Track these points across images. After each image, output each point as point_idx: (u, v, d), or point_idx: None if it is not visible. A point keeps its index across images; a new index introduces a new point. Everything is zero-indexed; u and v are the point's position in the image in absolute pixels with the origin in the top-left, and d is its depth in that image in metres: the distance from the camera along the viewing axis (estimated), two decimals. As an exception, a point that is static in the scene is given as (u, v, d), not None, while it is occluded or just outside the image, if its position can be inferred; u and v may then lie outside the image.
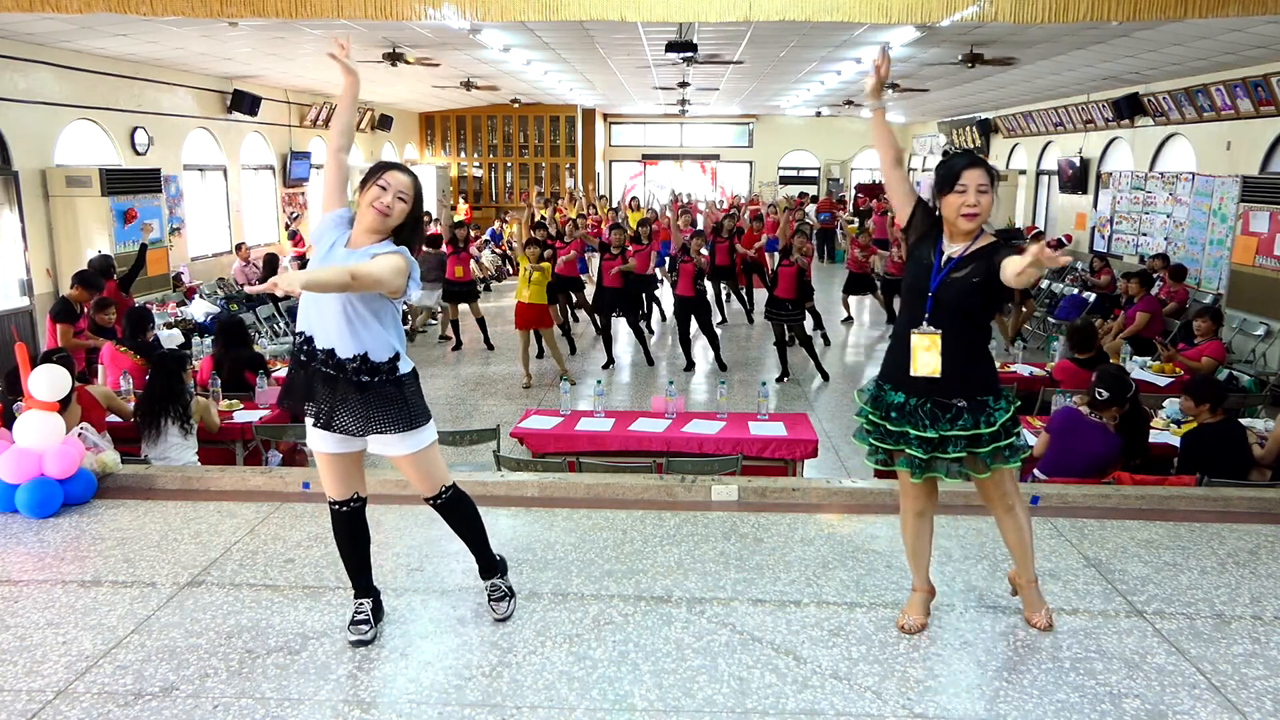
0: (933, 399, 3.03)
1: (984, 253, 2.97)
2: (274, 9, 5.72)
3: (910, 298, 3.10)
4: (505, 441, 5.94)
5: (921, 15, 5.72)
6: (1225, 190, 10.98)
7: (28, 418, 4.44)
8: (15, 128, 9.39)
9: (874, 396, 3.17)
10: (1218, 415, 5.14)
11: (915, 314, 3.04)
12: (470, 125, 23.54)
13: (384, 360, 3.03)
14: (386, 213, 3.01)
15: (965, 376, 3.01)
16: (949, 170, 3.00)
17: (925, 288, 3.02)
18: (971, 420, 3.00)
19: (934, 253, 3.04)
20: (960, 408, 3.01)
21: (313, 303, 3.04)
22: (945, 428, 3.01)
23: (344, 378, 3.00)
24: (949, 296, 2.98)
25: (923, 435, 3.02)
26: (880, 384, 3.17)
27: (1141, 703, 2.90)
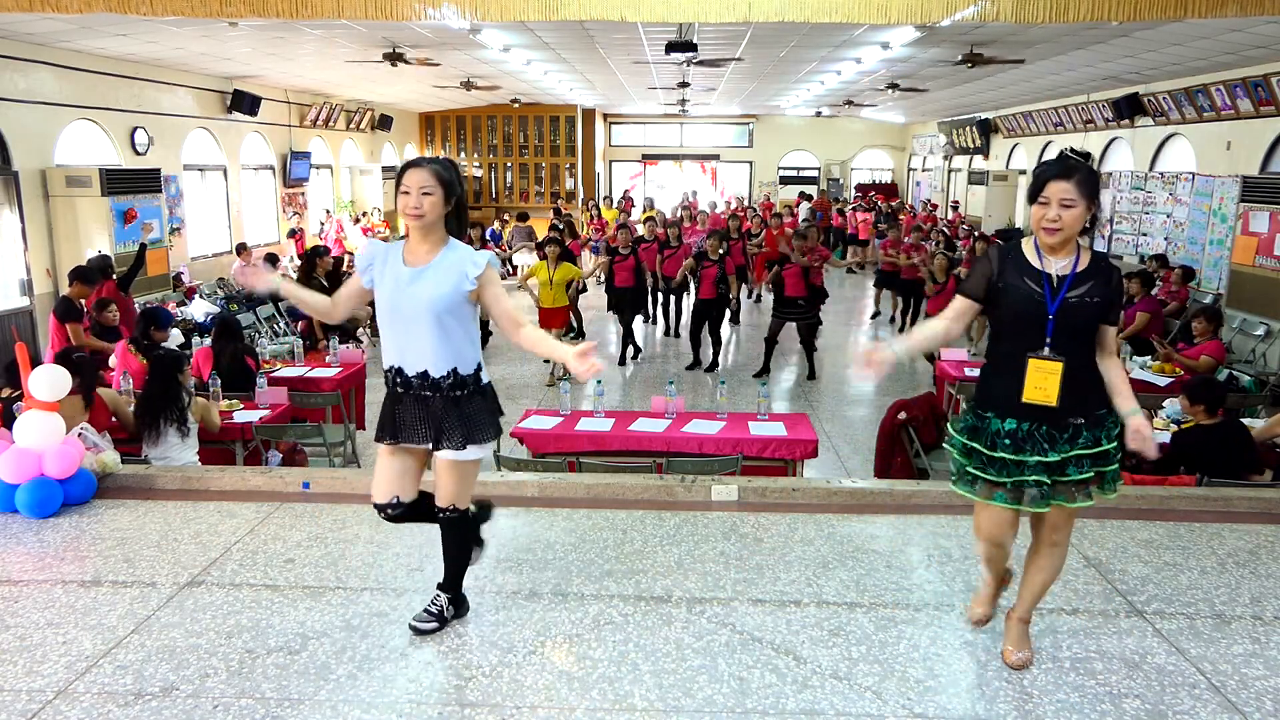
0: (1049, 422, 2.84)
1: (1098, 271, 2.84)
2: (274, 9, 5.72)
3: (1021, 324, 2.86)
4: (505, 441, 5.93)
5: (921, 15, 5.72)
6: (1225, 190, 10.98)
7: (28, 418, 4.44)
8: (15, 128, 9.39)
9: (972, 426, 2.95)
10: (1215, 417, 5.14)
11: (1031, 340, 2.82)
12: (470, 125, 23.54)
13: (470, 372, 3.09)
14: (420, 214, 2.99)
15: (1085, 398, 2.84)
16: (1036, 179, 2.84)
17: (1041, 312, 2.81)
18: (1091, 437, 2.84)
19: (1035, 276, 2.84)
20: (1078, 425, 2.84)
21: (400, 329, 3.05)
22: (1065, 449, 2.82)
23: (439, 396, 3.05)
24: (1073, 319, 2.80)
25: (1045, 460, 2.82)
26: (979, 412, 2.94)
27: (1141, 703, 2.90)
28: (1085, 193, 2.75)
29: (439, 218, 3.03)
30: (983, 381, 3.02)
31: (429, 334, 3.01)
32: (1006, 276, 2.88)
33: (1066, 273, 2.83)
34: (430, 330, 3.00)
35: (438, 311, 2.99)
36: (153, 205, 10.94)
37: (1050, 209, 2.77)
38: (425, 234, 3.05)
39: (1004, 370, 2.90)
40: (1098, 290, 2.82)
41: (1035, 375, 2.81)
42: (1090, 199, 2.77)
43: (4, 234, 9.46)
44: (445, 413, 3.06)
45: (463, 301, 3.04)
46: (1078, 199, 2.75)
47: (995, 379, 2.95)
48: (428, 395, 3.06)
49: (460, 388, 3.07)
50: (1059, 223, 2.77)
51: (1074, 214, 2.76)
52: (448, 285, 3.01)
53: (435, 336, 3.01)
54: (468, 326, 3.09)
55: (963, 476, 2.96)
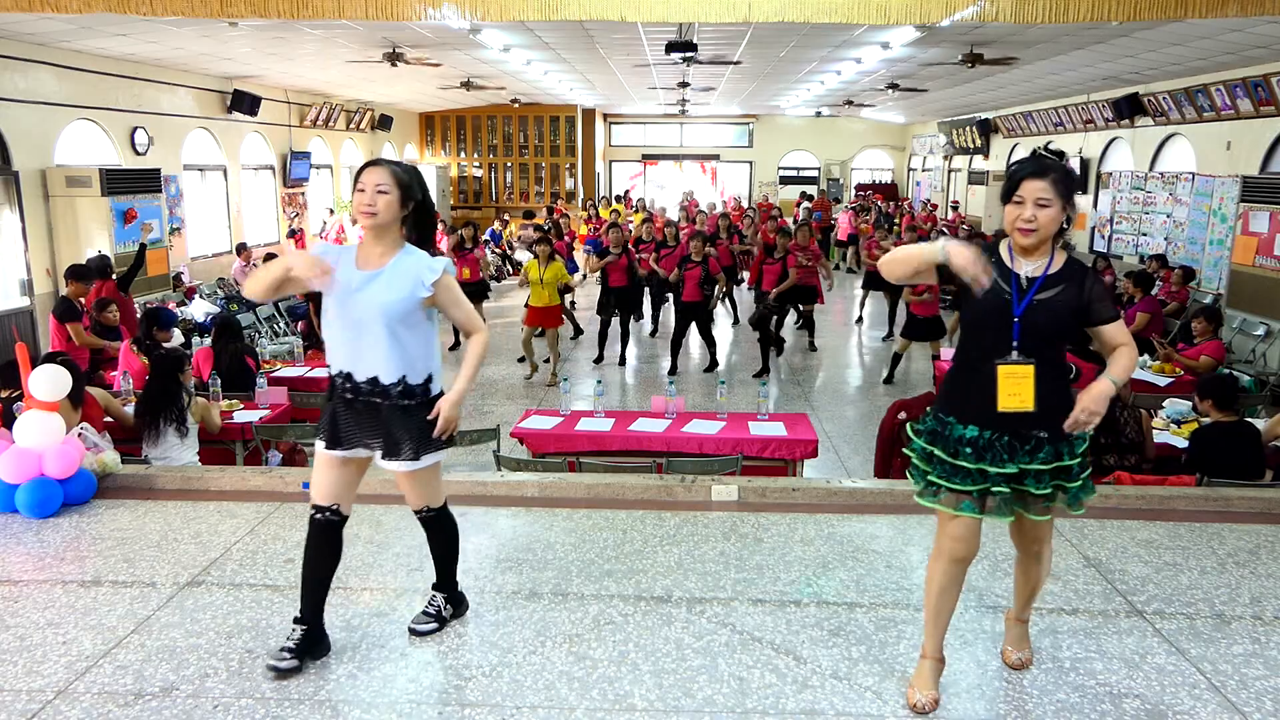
0: (1011, 431, 2.72)
1: (1071, 274, 2.73)
2: (275, 9, 5.72)
3: (986, 325, 2.74)
4: (505, 441, 5.93)
5: (921, 15, 5.72)
6: (1225, 190, 10.99)
7: (28, 418, 4.44)
8: (15, 128, 9.39)
9: (932, 430, 2.83)
10: (1230, 414, 5.12)
11: (998, 343, 2.71)
12: (470, 125, 23.55)
13: (420, 382, 3.00)
14: (373, 212, 2.90)
15: (1051, 406, 2.69)
16: (1010, 179, 2.73)
17: (1007, 314, 2.70)
18: (1053, 451, 2.73)
19: (1005, 275, 2.73)
20: (1041, 439, 2.72)
21: (351, 333, 2.96)
22: (1024, 460, 2.72)
23: (388, 404, 2.97)
24: (1040, 321, 2.69)
25: (1003, 471, 2.72)
26: (941, 416, 2.83)
27: (1141, 703, 2.90)
28: (1061, 192, 2.66)
29: (393, 219, 2.94)
30: (947, 384, 2.92)
31: (380, 339, 2.92)
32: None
33: (1037, 275, 2.73)
34: (382, 336, 2.91)
35: (390, 317, 2.90)
36: (153, 205, 10.94)
37: (1025, 209, 2.67)
38: (378, 236, 2.95)
39: (967, 374, 2.79)
40: (1069, 294, 2.71)
41: (1008, 382, 2.69)
42: (1066, 199, 2.68)
43: (4, 234, 9.46)
44: (394, 422, 2.97)
45: (416, 308, 2.95)
46: (1053, 198, 2.65)
47: (958, 383, 2.85)
48: (377, 402, 2.97)
49: (409, 396, 2.98)
50: (1034, 223, 2.66)
51: (1049, 214, 2.66)
52: (402, 290, 2.92)
53: (386, 342, 2.92)
54: (421, 334, 2.99)
55: (927, 487, 2.83)
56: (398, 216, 2.96)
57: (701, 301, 9.94)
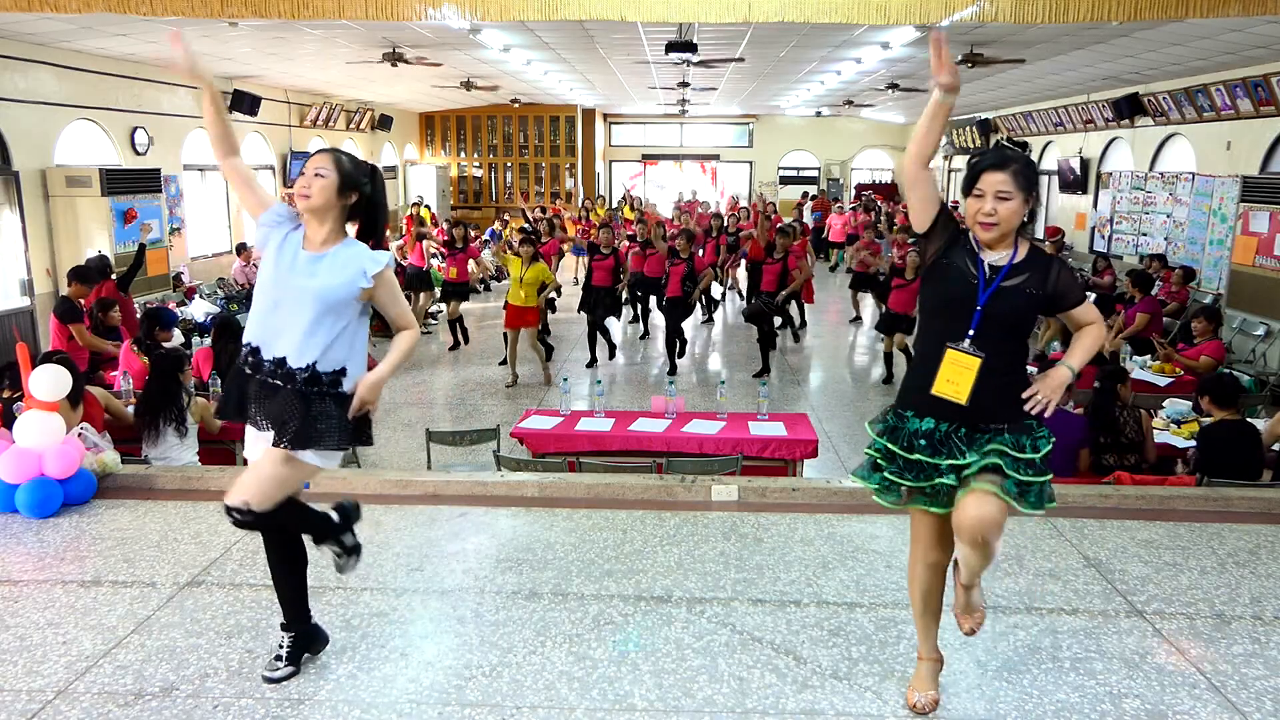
0: (967, 424, 2.64)
1: (1036, 263, 2.67)
2: (275, 9, 5.72)
3: (947, 312, 2.68)
4: (505, 441, 5.94)
5: (921, 15, 5.73)
6: (1225, 190, 10.98)
7: (28, 418, 4.44)
8: (15, 128, 9.39)
9: (891, 427, 2.74)
10: (1230, 412, 5.12)
11: (954, 330, 2.64)
12: (470, 125, 23.55)
13: (329, 371, 2.87)
14: (306, 194, 2.84)
15: (1007, 400, 2.63)
16: (970, 170, 2.67)
17: (970, 301, 2.63)
18: (1014, 441, 2.62)
19: (973, 262, 2.66)
20: (999, 429, 2.63)
21: (274, 310, 2.87)
22: (980, 450, 2.62)
23: (289, 387, 2.84)
24: (1002, 310, 2.62)
25: (957, 464, 2.62)
26: (899, 411, 2.75)
27: (1141, 703, 2.90)
28: (1021, 184, 2.60)
29: (328, 205, 2.86)
30: (908, 379, 2.85)
31: (303, 322, 2.83)
32: (951, 255, 2.69)
33: (1002, 264, 2.66)
34: (306, 319, 2.83)
35: (322, 302, 2.83)
36: (153, 205, 10.94)
37: (985, 202, 2.60)
38: (318, 221, 2.89)
39: (925, 364, 2.70)
40: (1034, 283, 2.64)
41: (950, 368, 2.61)
42: (1027, 191, 2.62)
43: (4, 234, 9.46)
44: (289, 406, 2.83)
45: (351, 299, 2.87)
46: (1014, 191, 2.59)
47: (916, 374, 2.76)
48: (276, 384, 2.84)
49: (314, 384, 2.85)
50: (994, 216, 2.60)
51: (1010, 207, 2.59)
52: (340, 278, 2.85)
53: (308, 327, 2.83)
54: (345, 326, 2.90)
55: (883, 486, 2.72)
56: (334, 204, 2.88)
57: (682, 297, 9.99)
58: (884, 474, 2.72)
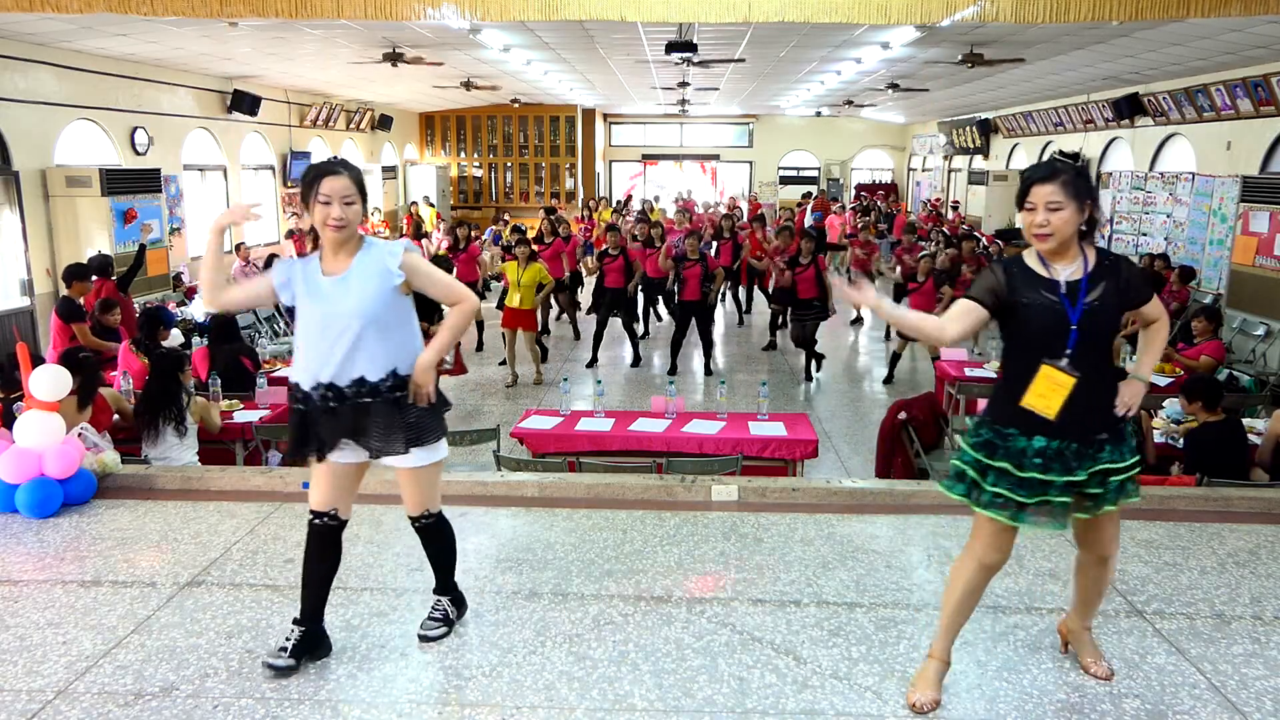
0: (1078, 439, 2.70)
1: (1107, 268, 2.72)
2: (274, 9, 5.72)
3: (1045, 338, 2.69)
4: (505, 441, 5.94)
5: (921, 15, 5.72)
6: (1225, 190, 10.98)
7: (28, 418, 4.44)
8: (15, 128, 9.39)
9: (988, 442, 2.77)
10: (1216, 414, 5.15)
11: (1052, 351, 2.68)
12: (470, 125, 23.55)
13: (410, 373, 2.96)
14: (342, 225, 2.87)
15: (1105, 407, 2.72)
16: (1022, 185, 2.74)
17: (1064, 323, 2.67)
18: (1114, 450, 2.73)
19: (1048, 286, 2.70)
20: (1102, 440, 2.72)
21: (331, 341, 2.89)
22: (1089, 464, 2.70)
23: (378, 400, 2.92)
24: (1095, 325, 2.68)
25: (1073, 480, 2.69)
26: (998, 428, 2.77)
27: (1141, 703, 2.90)
28: (1072, 194, 2.65)
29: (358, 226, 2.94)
30: (1002, 396, 2.82)
31: (362, 341, 2.88)
32: (1020, 293, 2.72)
33: (1078, 277, 2.70)
34: (365, 335, 2.88)
35: (368, 316, 2.87)
36: (153, 205, 10.94)
37: (1038, 214, 2.67)
38: (341, 245, 2.93)
39: (1022, 382, 2.72)
40: (1111, 289, 2.70)
41: (1043, 383, 2.67)
42: (1080, 199, 2.66)
43: (4, 234, 9.46)
44: (386, 419, 2.92)
45: (395, 298, 2.92)
46: (1065, 200, 2.65)
47: (1016, 396, 2.74)
48: (366, 402, 2.91)
49: (401, 388, 2.94)
50: (1048, 227, 2.66)
51: (1062, 216, 2.65)
52: (373, 287, 2.89)
53: (369, 342, 2.88)
54: (405, 323, 2.98)
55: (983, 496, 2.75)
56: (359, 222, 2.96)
57: (701, 299, 9.93)
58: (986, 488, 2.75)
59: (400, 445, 2.96)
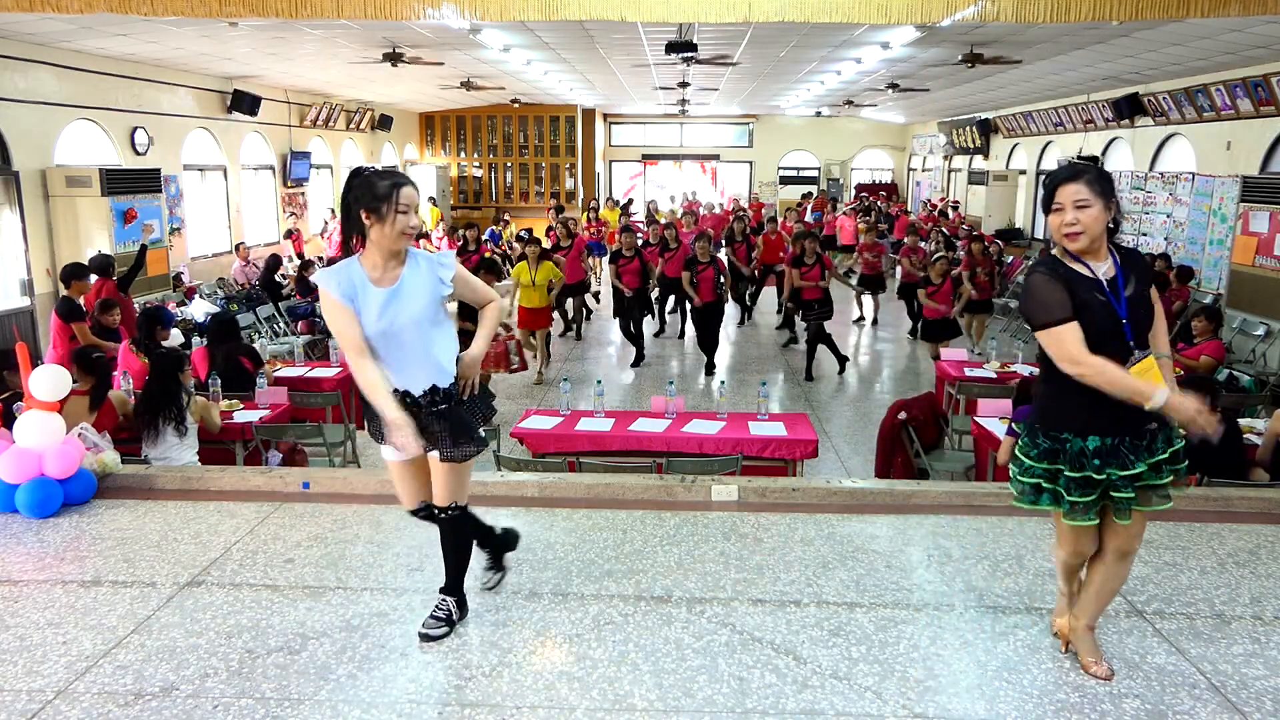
0: (1131, 432, 2.76)
1: (1133, 263, 2.81)
2: (274, 9, 5.72)
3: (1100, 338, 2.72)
4: (505, 441, 5.93)
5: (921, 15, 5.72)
6: (1225, 190, 10.98)
7: (28, 418, 4.44)
8: (15, 128, 9.39)
9: (1049, 450, 2.82)
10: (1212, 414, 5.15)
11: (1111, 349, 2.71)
12: (470, 125, 23.55)
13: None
14: (416, 231, 3.04)
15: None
16: (1046, 189, 2.79)
17: (1116, 320, 2.73)
18: (1165, 438, 2.80)
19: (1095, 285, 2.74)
20: (1153, 430, 2.78)
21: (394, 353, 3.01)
22: (1145, 457, 2.77)
23: (452, 405, 3.08)
24: (1137, 317, 2.76)
25: (1131, 473, 2.75)
26: (1055, 435, 2.82)
27: (1141, 703, 2.90)
28: (1098, 191, 2.71)
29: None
30: (1051, 402, 2.84)
31: (422, 349, 3.02)
32: (1077, 293, 2.74)
33: (1113, 275, 2.77)
34: (421, 345, 3.02)
35: (424, 326, 3.01)
36: (153, 205, 10.94)
37: (1066, 213, 2.72)
38: (398, 252, 3.01)
39: (1082, 389, 2.72)
40: (1143, 283, 2.79)
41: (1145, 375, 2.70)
42: (1105, 197, 2.72)
43: (4, 234, 9.46)
44: (455, 419, 3.09)
45: (441, 307, 3.09)
46: (1092, 198, 2.70)
47: (1071, 398, 2.76)
48: (442, 407, 3.07)
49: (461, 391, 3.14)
50: (1078, 225, 2.71)
51: (1090, 214, 2.70)
52: (425, 298, 3.02)
53: (428, 349, 3.03)
54: (449, 328, 3.14)
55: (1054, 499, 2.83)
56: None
57: (717, 301, 9.93)
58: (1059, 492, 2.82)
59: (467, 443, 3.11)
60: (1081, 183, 2.71)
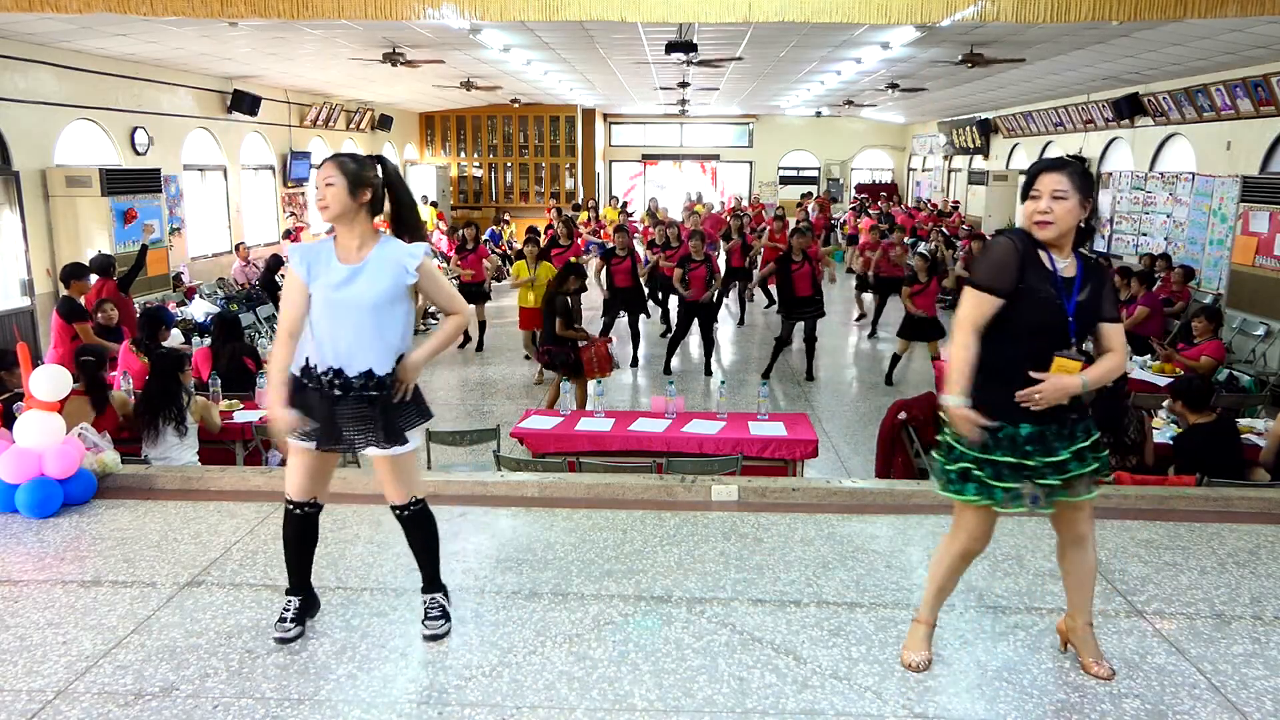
0: (1059, 420, 2.79)
1: (1093, 273, 2.81)
2: (274, 9, 5.72)
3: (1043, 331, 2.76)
4: (505, 441, 5.93)
5: (921, 15, 5.72)
6: (1225, 190, 10.98)
7: (28, 418, 4.44)
8: (15, 128, 9.39)
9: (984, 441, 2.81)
10: (1205, 415, 5.15)
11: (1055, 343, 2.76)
12: (470, 125, 23.55)
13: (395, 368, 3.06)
14: (323, 205, 2.97)
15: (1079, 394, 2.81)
16: (1029, 175, 2.81)
17: (1062, 317, 2.75)
18: (1085, 429, 2.84)
19: (1050, 278, 2.76)
20: (1075, 420, 2.83)
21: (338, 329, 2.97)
22: (1068, 444, 2.80)
23: (382, 395, 3.00)
24: (1085, 319, 2.79)
25: (1055, 460, 2.78)
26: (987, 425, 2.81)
27: (1141, 703, 2.90)
28: (1077, 185, 2.71)
29: (346, 209, 2.96)
30: (984, 392, 2.79)
31: (369, 333, 2.96)
32: (1028, 278, 2.75)
33: (1071, 274, 2.78)
34: (370, 329, 2.96)
35: (377, 310, 2.96)
36: (153, 205, 10.94)
37: (1042, 201, 2.72)
38: (347, 228, 3.00)
39: (1015, 378, 2.75)
40: (1095, 292, 2.80)
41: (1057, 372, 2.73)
42: (1083, 194, 2.72)
43: (4, 234, 9.46)
44: (387, 410, 3.01)
45: (402, 296, 3.01)
46: (1070, 191, 2.70)
47: (1001, 387, 2.76)
48: (373, 395, 2.98)
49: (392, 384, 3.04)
50: (1050, 214, 2.71)
51: (1065, 206, 2.70)
52: (385, 282, 2.97)
53: (374, 334, 2.97)
54: (403, 321, 3.05)
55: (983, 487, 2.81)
56: (352, 205, 2.98)
57: (706, 300, 9.93)
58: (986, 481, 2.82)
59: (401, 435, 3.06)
60: (1064, 174, 2.72)
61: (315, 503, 3.20)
